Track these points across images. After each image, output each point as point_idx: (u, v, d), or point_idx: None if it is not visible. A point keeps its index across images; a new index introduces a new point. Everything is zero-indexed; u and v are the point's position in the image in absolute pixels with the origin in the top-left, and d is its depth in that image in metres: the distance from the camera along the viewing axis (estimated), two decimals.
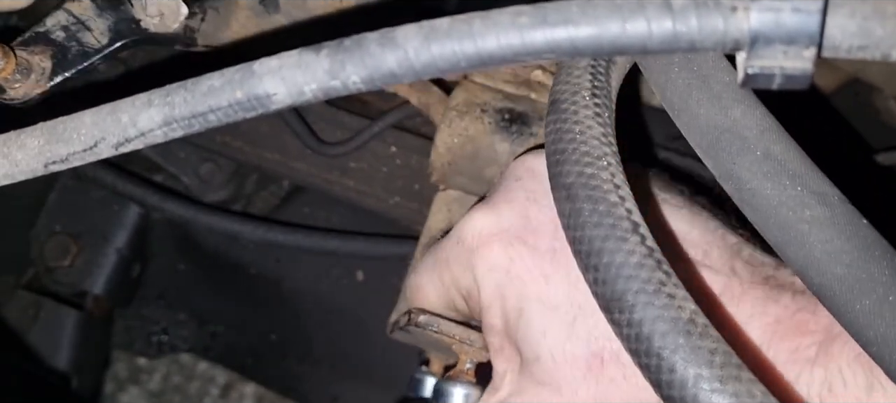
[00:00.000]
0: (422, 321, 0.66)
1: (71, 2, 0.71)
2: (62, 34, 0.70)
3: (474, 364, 0.68)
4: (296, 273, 1.28)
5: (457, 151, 0.76)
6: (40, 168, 0.47)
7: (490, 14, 0.38)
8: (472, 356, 0.67)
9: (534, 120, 0.74)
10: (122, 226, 1.26)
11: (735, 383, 0.44)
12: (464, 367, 0.68)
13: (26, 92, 0.69)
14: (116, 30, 0.70)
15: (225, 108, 0.42)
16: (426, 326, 0.66)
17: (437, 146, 0.76)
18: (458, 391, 0.68)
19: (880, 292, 0.44)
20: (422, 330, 0.67)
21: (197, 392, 1.70)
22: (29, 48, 0.69)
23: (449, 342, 0.67)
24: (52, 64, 0.70)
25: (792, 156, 0.48)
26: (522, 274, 0.57)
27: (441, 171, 0.78)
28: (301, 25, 0.75)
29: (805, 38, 0.36)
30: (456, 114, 0.75)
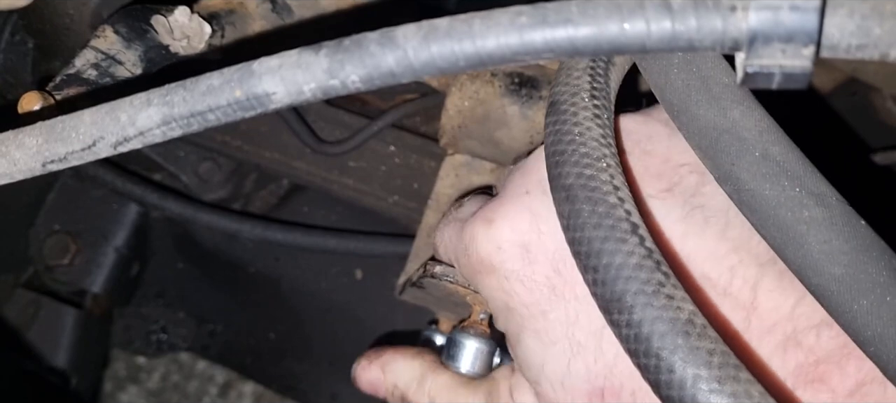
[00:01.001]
0: (438, 271, 0.66)
1: (96, 39, 0.70)
2: (94, 72, 0.69)
3: (487, 315, 0.68)
4: (295, 271, 1.28)
5: (467, 114, 0.76)
6: (39, 167, 0.47)
7: (489, 14, 0.38)
8: (485, 307, 0.68)
9: (543, 84, 0.75)
10: (121, 225, 1.27)
11: (733, 383, 0.44)
12: (477, 318, 0.68)
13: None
14: (148, 58, 0.69)
15: (224, 108, 0.42)
16: (442, 277, 0.66)
17: (448, 109, 0.77)
18: (470, 341, 0.68)
19: (878, 292, 0.44)
20: (437, 282, 0.66)
21: (196, 391, 1.70)
22: (63, 92, 0.68)
23: (463, 293, 0.67)
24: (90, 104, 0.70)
25: (790, 157, 0.48)
26: (519, 309, 0.56)
27: (451, 135, 0.79)
28: (313, 25, 0.76)
29: (804, 37, 0.36)
30: (467, 78, 0.76)
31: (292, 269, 1.28)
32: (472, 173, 0.84)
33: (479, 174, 0.84)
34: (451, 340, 0.69)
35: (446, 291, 0.68)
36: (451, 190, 0.83)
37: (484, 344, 0.68)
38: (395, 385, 0.65)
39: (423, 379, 0.64)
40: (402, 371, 0.65)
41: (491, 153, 0.79)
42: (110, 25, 0.71)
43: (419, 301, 0.75)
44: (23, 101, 0.64)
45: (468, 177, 0.84)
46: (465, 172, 0.83)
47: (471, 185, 0.84)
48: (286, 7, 0.77)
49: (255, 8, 0.78)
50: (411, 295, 0.74)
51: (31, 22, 1.03)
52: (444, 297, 0.71)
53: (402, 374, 0.65)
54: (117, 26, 0.70)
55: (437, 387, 0.63)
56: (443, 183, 0.84)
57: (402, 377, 0.65)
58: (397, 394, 0.65)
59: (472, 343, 0.68)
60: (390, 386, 0.65)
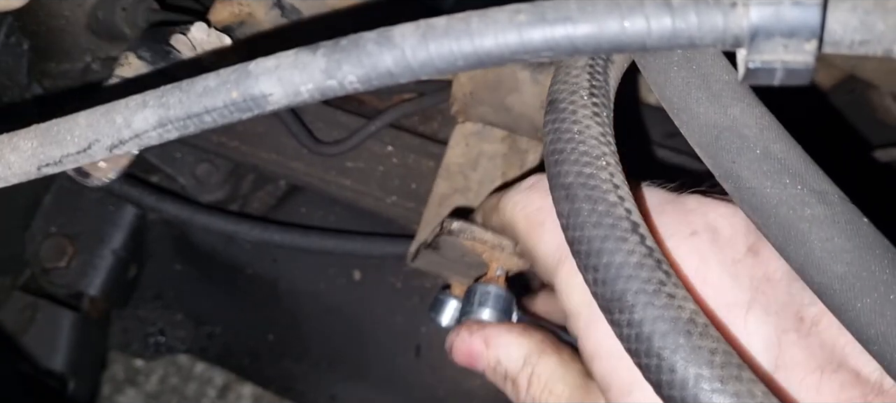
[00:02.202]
0: (455, 228, 0.66)
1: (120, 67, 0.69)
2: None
3: (504, 271, 0.68)
4: (293, 273, 1.28)
5: (478, 81, 0.76)
6: (34, 170, 0.46)
7: (488, 12, 0.38)
8: (502, 262, 0.67)
9: None
10: (118, 227, 1.26)
11: (736, 383, 0.44)
12: (494, 274, 0.68)
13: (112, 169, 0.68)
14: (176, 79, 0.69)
15: (220, 109, 0.42)
16: (460, 233, 0.66)
17: (459, 77, 0.77)
18: (496, 289, 0.67)
19: (881, 290, 0.44)
20: (454, 240, 0.66)
21: (194, 394, 1.70)
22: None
23: (481, 249, 0.66)
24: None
25: (791, 155, 0.48)
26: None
27: (462, 102, 0.79)
28: (319, 22, 0.76)
29: (806, 31, 0.36)
30: None
31: (290, 270, 1.28)
32: (482, 141, 0.84)
33: (489, 142, 0.85)
34: (476, 290, 0.68)
35: (462, 250, 0.67)
36: (462, 159, 0.83)
37: (507, 295, 0.67)
38: (498, 361, 0.63)
39: (529, 358, 0.61)
40: (508, 347, 0.62)
41: (502, 120, 0.79)
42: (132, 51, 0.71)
43: (432, 266, 0.75)
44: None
45: (478, 146, 0.84)
46: (475, 141, 0.83)
47: (481, 154, 0.84)
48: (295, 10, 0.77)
49: (264, 15, 0.78)
50: (424, 260, 0.74)
51: (27, 23, 1.02)
52: (458, 258, 0.70)
53: (509, 351, 0.62)
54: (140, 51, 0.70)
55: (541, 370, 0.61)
56: (453, 151, 0.84)
57: (509, 354, 0.62)
58: (501, 371, 0.63)
59: (498, 291, 0.67)
60: (493, 361, 0.63)
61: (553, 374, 0.60)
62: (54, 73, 1.05)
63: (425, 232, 0.78)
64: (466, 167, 0.85)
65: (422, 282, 1.24)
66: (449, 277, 0.78)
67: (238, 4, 0.80)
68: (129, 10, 1.01)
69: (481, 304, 0.67)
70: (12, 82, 1.05)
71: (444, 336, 1.09)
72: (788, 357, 0.50)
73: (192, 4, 1.08)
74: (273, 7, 0.81)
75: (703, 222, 0.54)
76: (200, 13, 1.03)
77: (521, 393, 0.62)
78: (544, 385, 0.60)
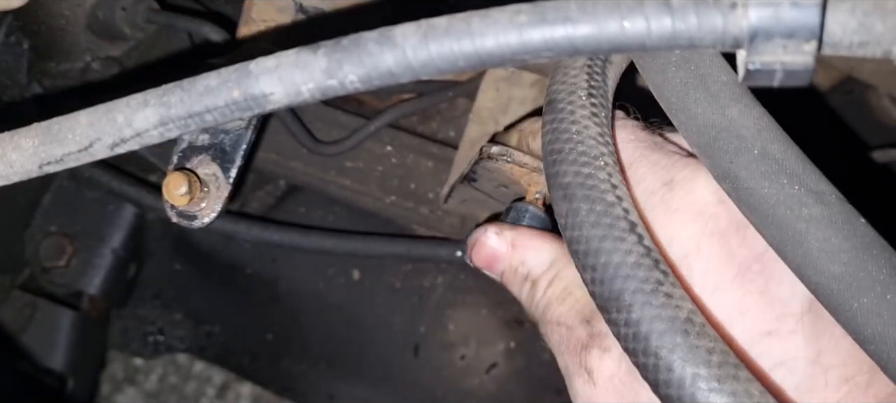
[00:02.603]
0: (495, 151, 0.65)
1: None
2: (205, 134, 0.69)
3: (542, 195, 0.67)
4: (292, 272, 1.28)
5: None
6: (35, 169, 0.46)
7: (488, 12, 0.38)
8: (541, 186, 0.67)
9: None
10: (117, 227, 1.26)
11: (733, 382, 0.44)
12: (533, 197, 0.67)
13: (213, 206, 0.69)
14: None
15: (221, 108, 0.42)
16: (499, 157, 0.65)
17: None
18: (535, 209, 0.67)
19: (878, 290, 0.44)
20: (494, 165, 0.66)
21: (193, 393, 1.70)
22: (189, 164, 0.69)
23: (520, 173, 0.66)
24: (219, 165, 0.69)
25: (789, 155, 0.48)
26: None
27: None
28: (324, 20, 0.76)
29: (805, 32, 0.36)
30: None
31: (290, 270, 1.28)
32: (512, 86, 0.84)
33: (519, 87, 0.85)
34: (514, 207, 0.67)
35: (501, 178, 0.67)
36: (492, 103, 0.83)
37: (544, 217, 0.67)
38: (522, 263, 0.61)
39: (554, 265, 0.60)
40: (538, 250, 0.60)
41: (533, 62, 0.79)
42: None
43: (465, 204, 0.74)
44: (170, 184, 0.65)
45: (508, 91, 0.84)
46: (505, 86, 0.84)
47: (511, 99, 0.84)
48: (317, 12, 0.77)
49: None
50: (459, 197, 0.73)
51: (26, 23, 1.02)
52: (494, 190, 0.70)
53: (535, 255, 0.60)
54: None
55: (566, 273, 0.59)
56: (484, 96, 0.85)
57: (535, 258, 0.60)
58: (522, 273, 0.61)
59: (536, 211, 0.67)
60: (517, 264, 0.61)
61: (576, 279, 0.57)
62: (54, 73, 1.05)
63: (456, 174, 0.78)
64: (497, 111, 0.85)
65: (421, 282, 1.24)
66: (481, 216, 0.78)
67: (263, 22, 0.81)
68: (128, 9, 1.02)
69: (517, 221, 0.66)
70: (12, 82, 1.05)
71: (445, 330, 1.09)
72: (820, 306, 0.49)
73: (192, 4, 1.08)
74: (297, 14, 0.81)
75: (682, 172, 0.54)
76: (201, 13, 1.03)
77: (537, 294, 0.60)
78: (564, 287, 0.58)
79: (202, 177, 0.68)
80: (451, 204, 0.76)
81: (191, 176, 0.66)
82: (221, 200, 0.69)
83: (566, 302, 0.58)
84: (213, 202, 0.68)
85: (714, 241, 0.52)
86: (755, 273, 0.52)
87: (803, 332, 0.50)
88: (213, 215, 0.69)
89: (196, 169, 0.68)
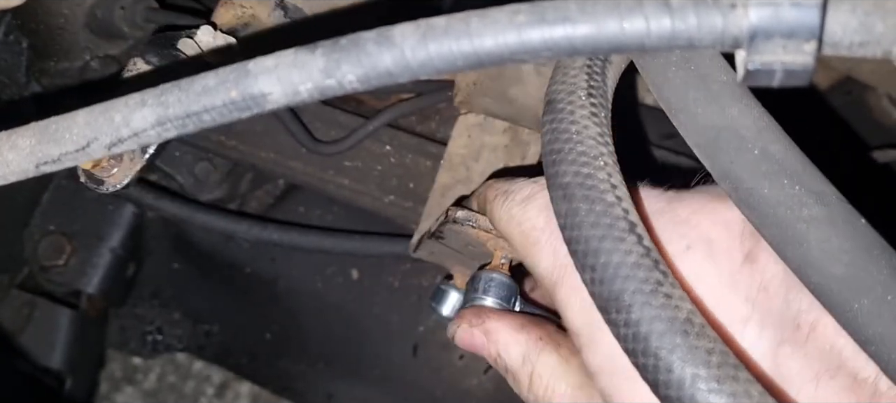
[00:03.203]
0: (460, 216, 0.66)
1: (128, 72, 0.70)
2: None
3: (509, 260, 0.68)
4: (291, 272, 1.28)
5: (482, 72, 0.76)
6: (32, 169, 0.46)
7: (487, 12, 0.38)
8: (507, 251, 0.68)
9: None
10: (116, 226, 1.26)
11: (732, 383, 0.44)
12: (499, 262, 0.68)
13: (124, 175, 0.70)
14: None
15: (219, 108, 0.42)
16: (464, 222, 0.66)
17: None
18: (501, 277, 0.68)
19: (879, 291, 0.44)
20: (459, 229, 0.67)
21: (192, 392, 1.70)
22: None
23: (485, 238, 0.67)
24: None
25: (789, 155, 0.48)
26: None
27: (465, 92, 0.79)
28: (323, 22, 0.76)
29: (805, 32, 0.36)
30: None
31: (288, 269, 1.28)
32: (484, 133, 0.85)
33: (491, 134, 0.85)
34: (480, 277, 0.68)
35: (467, 239, 0.67)
36: (464, 150, 0.84)
37: (511, 284, 0.68)
38: (499, 356, 0.63)
39: (527, 357, 0.62)
40: (507, 345, 0.63)
41: (505, 111, 0.79)
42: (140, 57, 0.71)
43: (434, 257, 0.75)
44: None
45: (480, 138, 0.85)
46: (477, 132, 0.84)
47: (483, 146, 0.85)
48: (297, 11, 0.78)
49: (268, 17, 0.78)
50: (427, 249, 0.74)
51: (25, 22, 1.02)
52: (462, 248, 0.70)
53: (508, 349, 0.63)
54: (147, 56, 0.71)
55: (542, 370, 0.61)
56: (455, 143, 0.85)
57: (508, 351, 0.63)
58: (501, 364, 0.63)
59: (502, 279, 0.68)
60: (494, 355, 0.64)
61: (553, 373, 0.60)
62: (53, 72, 1.05)
63: (428, 223, 0.79)
64: (469, 158, 0.85)
65: (420, 281, 1.24)
66: (451, 267, 0.78)
67: (241, 7, 0.81)
68: (127, 8, 1.02)
69: (485, 292, 0.67)
70: (11, 80, 1.05)
71: (443, 330, 1.09)
72: (785, 370, 0.50)
73: (191, 3, 1.08)
74: (276, 8, 0.81)
75: (697, 234, 0.54)
76: (200, 12, 1.03)
77: (523, 390, 0.62)
78: (546, 384, 0.60)
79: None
80: (420, 254, 0.76)
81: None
82: (133, 171, 0.70)
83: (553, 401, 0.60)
84: (125, 170, 0.69)
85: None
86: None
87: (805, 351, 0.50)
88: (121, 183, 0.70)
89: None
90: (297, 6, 0.81)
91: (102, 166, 0.67)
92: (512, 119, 0.82)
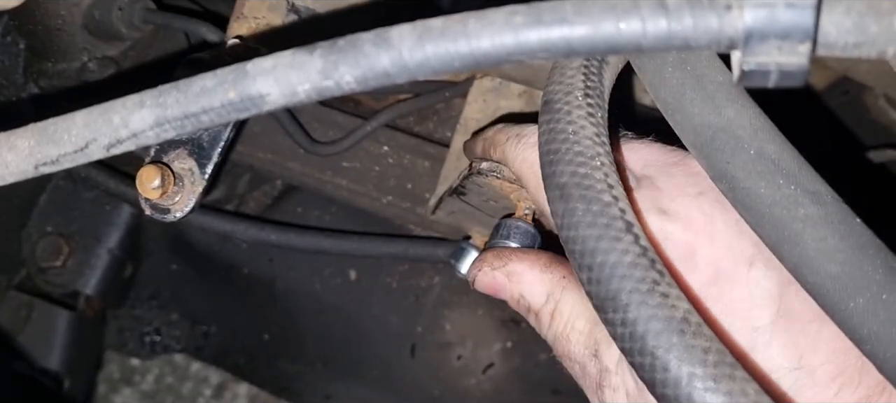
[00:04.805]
0: (485, 167, 0.66)
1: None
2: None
3: (531, 210, 0.68)
4: (289, 272, 1.28)
5: None
6: (31, 170, 0.46)
7: (484, 13, 0.38)
8: (530, 202, 0.68)
9: None
10: (114, 227, 1.26)
11: (729, 381, 0.44)
12: (522, 212, 0.68)
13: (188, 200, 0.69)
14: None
15: (217, 109, 0.42)
16: (489, 172, 0.66)
17: None
18: (524, 225, 0.67)
19: (874, 290, 0.44)
20: (483, 180, 0.66)
21: (190, 393, 1.70)
22: (166, 158, 0.69)
23: (509, 189, 0.67)
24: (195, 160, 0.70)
25: (785, 155, 0.48)
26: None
27: None
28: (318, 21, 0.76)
29: (800, 33, 0.36)
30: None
31: (286, 270, 1.28)
32: (499, 97, 0.85)
33: (506, 98, 0.85)
34: (504, 224, 0.68)
35: (489, 193, 0.67)
36: (479, 114, 0.84)
37: (534, 232, 0.68)
38: (522, 296, 0.63)
39: (551, 295, 0.61)
40: (531, 284, 0.62)
41: (522, 73, 0.79)
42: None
43: (454, 216, 0.75)
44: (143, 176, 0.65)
45: (495, 102, 0.85)
46: (492, 97, 0.84)
47: (498, 110, 0.85)
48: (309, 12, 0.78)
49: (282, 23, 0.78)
50: (447, 209, 0.73)
51: (23, 23, 1.02)
52: (482, 204, 0.70)
53: (531, 288, 0.62)
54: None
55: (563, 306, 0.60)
56: (470, 107, 0.86)
57: (531, 291, 0.62)
58: (524, 305, 0.63)
59: (526, 227, 0.67)
60: (517, 296, 0.63)
61: (574, 309, 0.59)
62: (51, 73, 1.05)
63: (444, 186, 0.79)
64: (484, 122, 0.86)
65: (418, 282, 1.24)
66: (469, 228, 0.78)
67: (253, 19, 0.81)
68: (125, 9, 1.02)
69: (508, 237, 0.67)
70: (8, 82, 1.05)
71: (442, 330, 1.09)
72: (790, 307, 0.51)
73: (190, 5, 1.08)
74: (289, 13, 0.81)
75: (708, 183, 0.54)
76: (198, 13, 1.03)
77: (542, 327, 0.61)
78: (566, 320, 0.59)
79: (178, 172, 0.68)
80: (439, 215, 0.76)
81: (164, 169, 0.67)
82: (196, 195, 0.70)
83: (571, 338, 0.59)
84: (188, 196, 0.69)
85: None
86: (713, 298, 0.52)
87: (779, 341, 0.51)
88: (186, 209, 0.69)
89: (172, 163, 0.68)
90: (309, 7, 0.81)
91: (166, 194, 0.67)
92: (528, 81, 0.82)
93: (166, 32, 1.07)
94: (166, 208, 0.69)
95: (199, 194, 0.70)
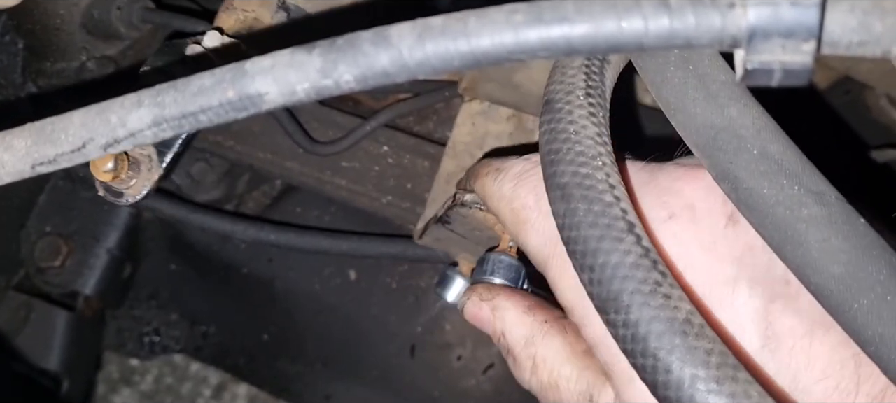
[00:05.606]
0: (468, 199, 0.66)
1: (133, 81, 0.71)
2: None
3: (516, 244, 0.68)
4: (288, 272, 1.28)
5: None
6: (28, 169, 0.46)
7: (485, 12, 0.38)
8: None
9: None
10: (113, 227, 1.26)
11: (732, 383, 0.44)
12: (506, 244, 0.68)
13: (143, 185, 0.70)
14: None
15: (216, 108, 0.42)
16: (472, 204, 0.66)
17: None
18: (508, 259, 0.67)
19: (878, 291, 0.44)
20: (467, 210, 0.67)
21: (189, 393, 1.70)
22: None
23: (493, 221, 0.67)
24: (155, 147, 0.71)
25: (788, 155, 0.48)
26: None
27: (470, 79, 0.79)
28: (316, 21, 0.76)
29: (804, 31, 0.36)
30: None
31: (286, 270, 1.28)
32: (488, 121, 0.85)
33: (495, 122, 0.85)
34: (488, 259, 0.68)
35: (474, 223, 0.67)
36: (468, 137, 0.84)
37: (519, 265, 0.68)
38: (503, 334, 0.63)
39: (532, 340, 0.61)
40: (512, 323, 0.63)
41: (510, 98, 0.79)
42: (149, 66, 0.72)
43: (440, 243, 0.75)
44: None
45: (484, 125, 0.85)
46: (481, 120, 0.84)
47: (487, 133, 0.85)
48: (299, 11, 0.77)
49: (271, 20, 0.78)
50: (433, 235, 0.74)
51: (22, 22, 1.02)
52: (468, 233, 0.70)
53: (513, 328, 0.63)
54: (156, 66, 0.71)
55: (546, 353, 0.60)
56: (459, 130, 0.86)
57: (512, 331, 0.63)
58: (504, 344, 0.63)
59: (510, 260, 0.68)
60: (498, 333, 0.63)
61: (558, 356, 0.59)
62: (49, 72, 1.04)
63: (432, 210, 0.79)
64: (473, 146, 0.86)
65: (417, 282, 1.24)
66: (456, 255, 0.78)
67: (242, 11, 0.81)
68: (124, 8, 1.01)
69: (493, 273, 0.68)
70: (7, 81, 1.05)
71: (441, 330, 1.09)
72: (778, 327, 0.50)
73: (188, 4, 1.08)
74: (278, 10, 0.81)
75: (679, 202, 0.54)
76: (197, 12, 1.03)
77: (525, 374, 0.61)
78: (551, 368, 0.59)
79: (135, 157, 0.69)
80: (426, 240, 0.76)
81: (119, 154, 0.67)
82: (152, 181, 0.70)
83: (560, 386, 0.59)
84: (144, 182, 0.70)
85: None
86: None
87: (772, 366, 0.50)
88: (140, 194, 0.70)
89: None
90: (299, 6, 0.81)
91: (120, 178, 0.67)
92: (516, 106, 0.82)
93: (165, 32, 1.06)
94: (120, 191, 0.69)
95: (155, 181, 0.70)
